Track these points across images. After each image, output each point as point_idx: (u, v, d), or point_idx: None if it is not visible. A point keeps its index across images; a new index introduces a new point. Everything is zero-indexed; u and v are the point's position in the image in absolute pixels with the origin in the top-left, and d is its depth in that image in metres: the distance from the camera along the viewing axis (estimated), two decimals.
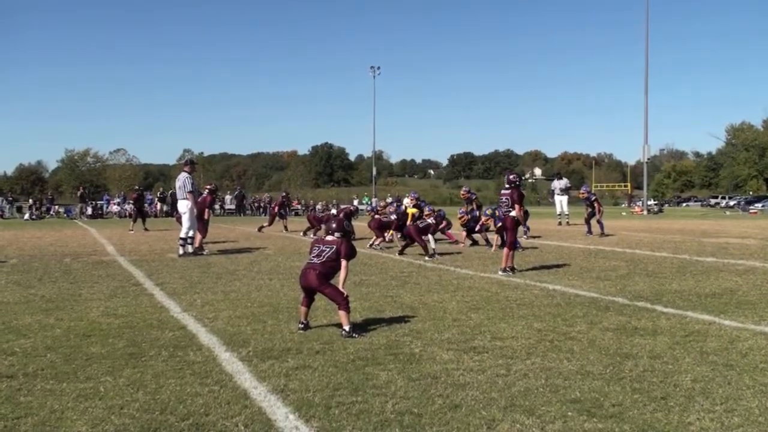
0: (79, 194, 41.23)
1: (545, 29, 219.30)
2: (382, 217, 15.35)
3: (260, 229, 21.18)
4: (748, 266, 10.81)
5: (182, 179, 13.31)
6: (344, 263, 5.87)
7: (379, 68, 64.35)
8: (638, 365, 4.69)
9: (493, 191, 79.16)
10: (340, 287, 5.78)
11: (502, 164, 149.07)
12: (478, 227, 15.09)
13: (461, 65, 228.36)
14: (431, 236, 12.88)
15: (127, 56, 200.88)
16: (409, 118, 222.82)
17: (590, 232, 18.38)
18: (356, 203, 47.03)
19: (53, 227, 25.48)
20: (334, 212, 19.83)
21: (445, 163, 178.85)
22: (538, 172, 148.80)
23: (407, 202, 17.64)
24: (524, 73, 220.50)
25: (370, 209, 19.00)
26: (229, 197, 45.96)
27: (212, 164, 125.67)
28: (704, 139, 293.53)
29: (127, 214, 35.41)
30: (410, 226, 13.22)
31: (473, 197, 16.96)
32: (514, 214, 10.15)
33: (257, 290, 8.33)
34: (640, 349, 5.17)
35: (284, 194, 24.81)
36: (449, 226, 15.04)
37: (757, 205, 56.41)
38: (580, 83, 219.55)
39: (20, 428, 3.56)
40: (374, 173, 69.17)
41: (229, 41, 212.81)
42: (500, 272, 9.87)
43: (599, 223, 18.22)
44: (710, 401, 3.93)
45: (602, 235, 17.82)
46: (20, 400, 3.99)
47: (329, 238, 6.04)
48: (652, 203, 57.97)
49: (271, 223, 22.15)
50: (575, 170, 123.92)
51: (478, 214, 15.51)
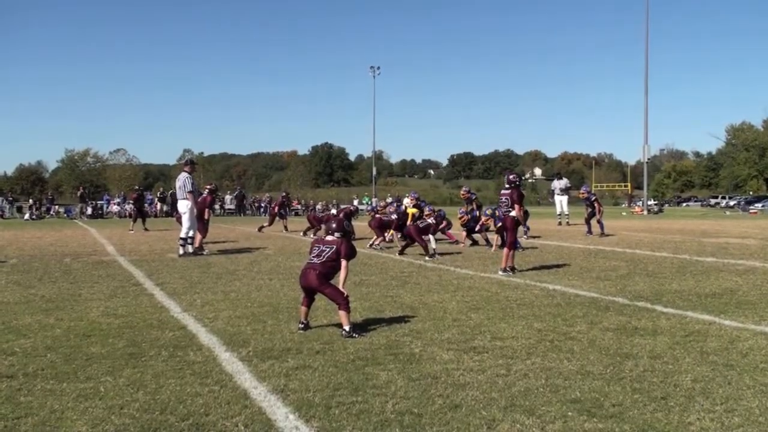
0: (79, 194, 41.26)
1: (545, 29, 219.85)
2: (382, 216, 15.34)
3: (260, 229, 21.20)
4: (748, 266, 10.82)
5: (182, 179, 13.32)
6: (344, 263, 5.87)
7: (379, 68, 64.47)
8: (638, 365, 4.69)
9: (493, 191, 79.12)
10: (340, 287, 5.78)
11: (502, 164, 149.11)
12: (478, 227, 15.10)
13: (461, 65, 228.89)
14: (431, 236, 12.89)
15: (127, 55, 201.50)
16: (409, 118, 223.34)
17: (590, 232, 18.39)
18: (356, 203, 47.02)
19: (53, 227, 25.49)
20: (334, 212, 19.84)
21: (445, 163, 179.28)
22: (538, 172, 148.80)
23: (407, 202, 17.64)
24: (524, 73, 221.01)
25: (370, 209, 19.00)
26: (229, 197, 45.95)
27: (212, 164, 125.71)
28: (704, 139, 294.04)
29: (127, 214, 35.40)
30: (410, 226, 13.22)
31: (473, 197, 16.95)
32: (513, 214, 10.15)
33: (257, 290, 8.33)
34: (640, 349, 5.17)
35: (284, 194, 24.83)
36: (449, 226, 15.04)
37: (757, 205, 56.42)
38: (580, 83, 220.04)
39: (20, 428, 3.56)
40: (374, 173, 69.21)
41: (229, 41, 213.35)
42: (500, 272, 9.87)
43: (599, 223, 18.22)
44: (710, 401, 3.93)
45: (602, 235, 17.83)
46: (20, 400, 3.99)
47: (329, 238, 6.05)
48: (652, 203, 57.99)
49: (271, 223, 22.17)
50: (575, 170, 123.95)
51: (478, 214, 15.51)
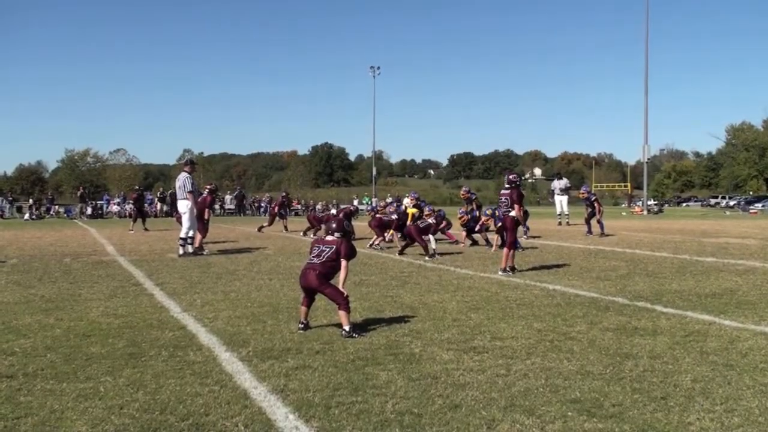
0: (79, 194, 41.25)
1: (545, 29, 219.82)
2: (383, 216, 15.34)
3: (260, 229, 21.20)
4: (748, 266, 10.82)
5: (182, 179, 13.32)
6: (344, 263, 5.87)
7: (379, 68, 64.48)
8: (638, 365, 4.69)
9: (493, 191, 79.14)
10: (340, 287, 5.78)
11: (502, 164, 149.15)
12: (478, 227, 15.10)
13: (461, 65, 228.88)
14: (431, 236, 12.89)
15: (127, 55, 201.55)
16: (409, 118, 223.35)
17: (590, 232, 18.39)
18: (356, 203, 47.03)
19: (53, 227, 25.48)
20: (334, 212, 19.84)
21: (445, 163, 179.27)
22: (538, 172, 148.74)
23: (407, 202, 17.65)
24: (524, 73, 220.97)
25: (370, 209, 19.00)
26: (229, 197, 45.97)
27: (212, 164, 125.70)
28: (704, 139, 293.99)
29: (127, 214, 35.40)
30: (411, 226, 13.22)
31: (473, 197, 16.95)
32: (513, 214, 10.16)
33: (257, 290, 8.33)
34: (640, 349, 5.17)
35: (284, 194, 24.83)
36: (449, 226, 15.04)
37: (757, 205, 56.41)
38: (580, 83, 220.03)
39: (20, 428, 3.56)
40: (374, 173, 69.22)
41: (229, 41, 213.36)
42: (500, 272, 9.87)
43: (599, 223, 18.22)
44: (710, 401, 3.93)
45: (602, 235, 17.83)
46: (20, 400, 3.99)
47: (329, 238, 6.05)
48: (652, 203, 57.99)
49: (271, 223, 22.17)
50: (575, 170, 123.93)
51: (478, 214, 15.51)
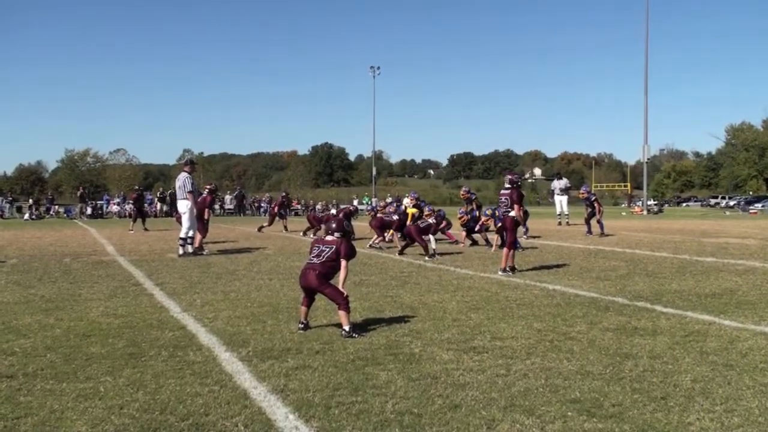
0: (79, 194, 41.25)
1: (545, 29, 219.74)
2: (384, 216, 15.33)
3: (260, 229, 21.20)
4: (748, 266, 10.82)
5: (182, 179, 13.32)
6: (344, 263, 5.87)
7: (379, 68, 64.53)
8: (638, 365, 4.69)
9: (493, 191, 79.09)
10: (340, 287, 5.78)
11: (502, 164, 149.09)
12: (478, 227, 15.10)
13: (461, 65, 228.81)
14: (431, 236, 12.89)
15: (127, 55, 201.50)
16: (409, 118, 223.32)
17: (590, 232, 18.39)
18: (356, 203, 47.01)
19: (53, 227, 25.48)
20: (334, 212, 19.85)
21: (445, 163, 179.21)
22: (538, 172, 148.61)
23: (407, 202, 17.66)
24: (524, 73, 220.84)
25: (370, 209, 19.01)
26: (229, 197, 45.97)
27: (212, 164, 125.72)
28: (704, 139, 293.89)
29: (127, 214, 35.40)
30: (411, 226, 13.21)
31: (473, 197, 16.95)
32: (513, 214, 10.16)
33: (257, 290, 8.33)
34: (640, 349, 5.17)
35: (284, 194, 24.83)
36: (449, 226, 15.04)
37: (757, 205, 56.41)
38: (580, 83, 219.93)
39: (20, 428, 3.56)
40: (374, 173, 69.24)
41: (229, 41, 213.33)
42: (500, 272, 9.87)
43: (599, 223, 18.23)
44: (710, 401, 3.93)
45: (602, 235, 17.83)
46: (20, 400, 3.99)
47: (329, 238, 6.04)
48: (652, 203, 58.01)
49: (270, 223, 22.17)
50: (575, 170, 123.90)
51: (477, 214, 15.51)
